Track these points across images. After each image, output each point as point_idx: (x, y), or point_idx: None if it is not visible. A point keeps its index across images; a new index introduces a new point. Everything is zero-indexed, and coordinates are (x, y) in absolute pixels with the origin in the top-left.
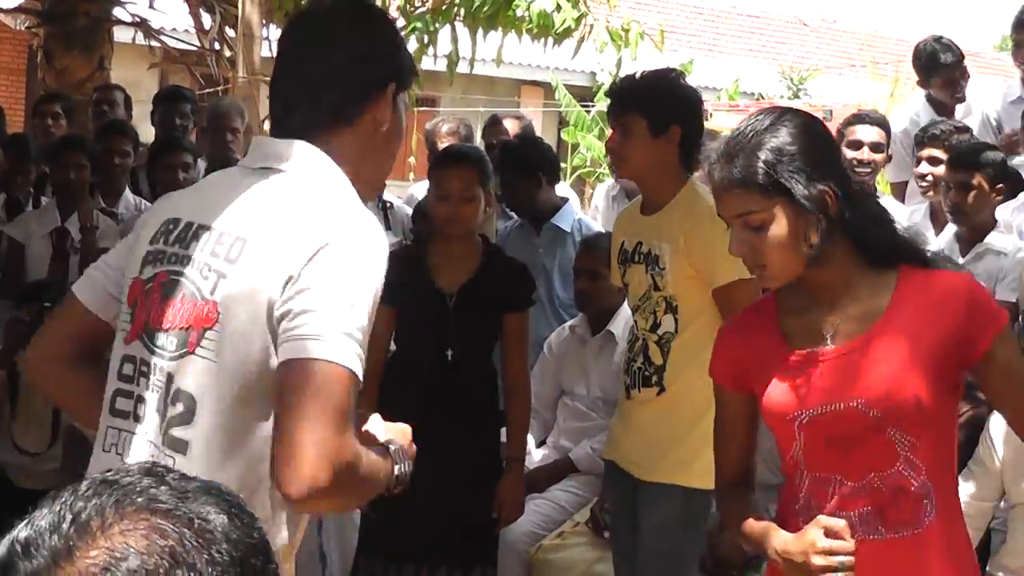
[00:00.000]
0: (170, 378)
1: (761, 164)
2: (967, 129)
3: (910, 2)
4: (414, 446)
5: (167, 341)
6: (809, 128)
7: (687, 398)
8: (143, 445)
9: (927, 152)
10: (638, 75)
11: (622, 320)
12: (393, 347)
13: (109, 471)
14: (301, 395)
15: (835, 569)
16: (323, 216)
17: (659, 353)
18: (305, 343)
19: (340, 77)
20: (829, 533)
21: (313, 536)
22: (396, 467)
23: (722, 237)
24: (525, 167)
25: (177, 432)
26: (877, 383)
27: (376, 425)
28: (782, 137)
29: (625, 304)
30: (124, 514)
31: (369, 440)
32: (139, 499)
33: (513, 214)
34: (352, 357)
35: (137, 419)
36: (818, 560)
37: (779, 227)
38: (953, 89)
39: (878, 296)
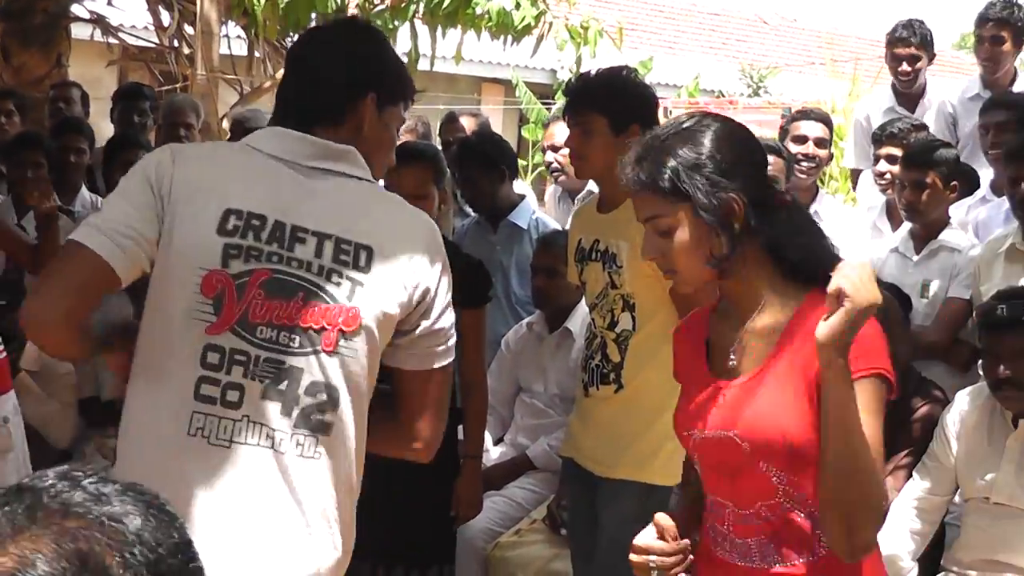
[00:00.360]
0: (296, 371)
1: (667, 169)
2: (924, 127)
3: (870, 1)
4: None
5: (283, 336)
6: (727, 135)
7: (645, 395)
8: (248, 427)
9: (885, 150)
10: (593, 74)
11: (579, 317)
12: None
13: (26, 478)
14: (430, 394)
15: (645, 567)
16: (431, 232)
17: (617, 351)
18: (435, 356)
19: (331, 80)
20: (658, 531)
21: None
22: None
23: None
24: (488, 162)
25: (319, 417)
26: (749, 418)
27: None
28: (693, 143)
29: (583, 301)
30: (35, 519)
31: None
32: (51, 504)
33: (470, 211)
34: (453, 349)
35: (230, 405)
36: (632, 556)
37: (683, 233)
38: (896, 64)
39: (778, 319)
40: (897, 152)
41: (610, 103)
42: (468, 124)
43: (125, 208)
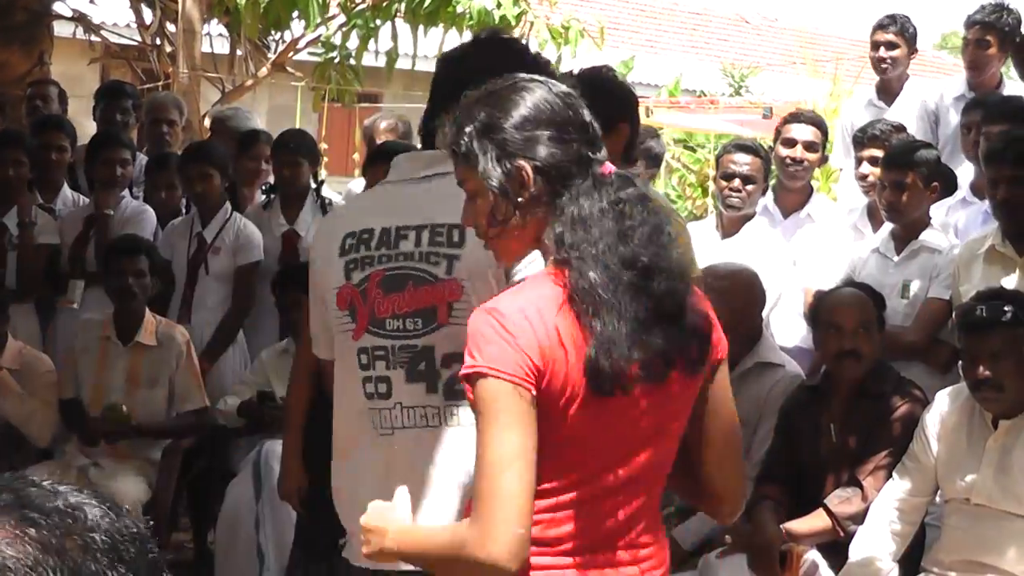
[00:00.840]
0: (428, 349)
1: (464, 136)
2: (904, 128)
3: (851, 1)
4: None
5: (408, 323)
6: (530, 101)
7: None
8: (402, 413)
9: (867, 152)
10: (575, 74)
11: None
12: None
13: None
14: None
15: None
16: None
17: None
18: None
19: None
20: None
21: (250, 533)
22: None
23: None
24: None
25: (460, 386)
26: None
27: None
28: (497, 107)
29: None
30: None
31: None
32: (6, 496)
33: None
34: None
35: (382, 396)
36: None
37: (482, 198)
38: (875, 51)
39: None
40: (879, 154)
41: (595, 103)
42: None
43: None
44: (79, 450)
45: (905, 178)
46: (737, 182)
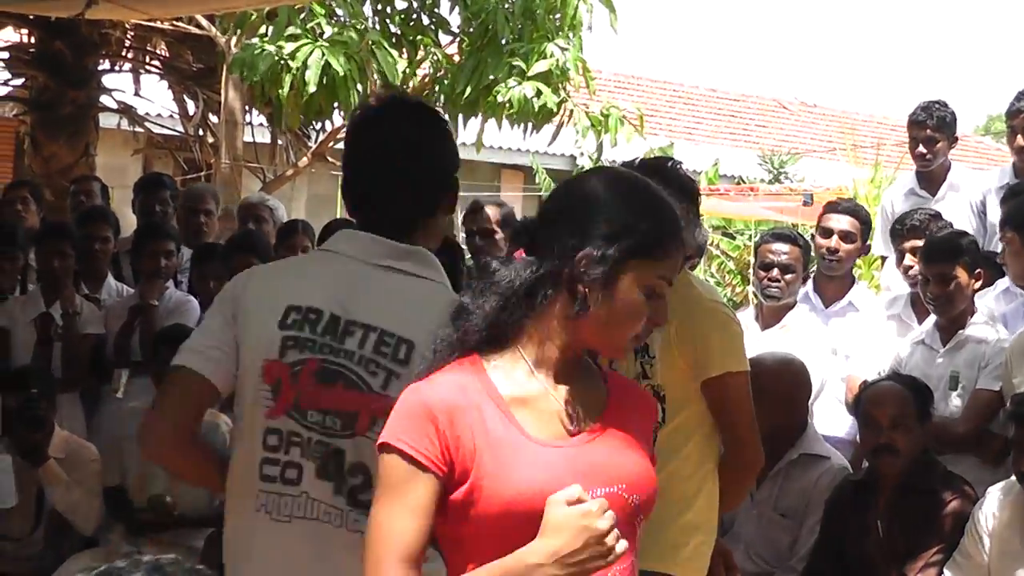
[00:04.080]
0: (340, 452)
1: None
2: (940, 217)
3: (891, 84)
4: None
5: (328, 420)
6: (599, 188)
7: (673, 487)
8: (307, 504)
9: (908, 244)
10: (636, 163)
11: None
12: None
13: (115, 564)
14: None
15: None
16: None
17: None
18: None
19: (432, 177)
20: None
21: None
22: None
23: (713, 327)
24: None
25: (365, 496)
26: (635, 474)
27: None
28: (562, 194)
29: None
30: None
31: None
32: None
33: None
34: None
35: (289, 482)
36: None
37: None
38: (914, 146)
39: (594, 380)
40: (920, 244)
41: None
42: (493, 213)
43: (209, 327)
44: (123, 538)
45: (948, 270)
46: (776, 272)
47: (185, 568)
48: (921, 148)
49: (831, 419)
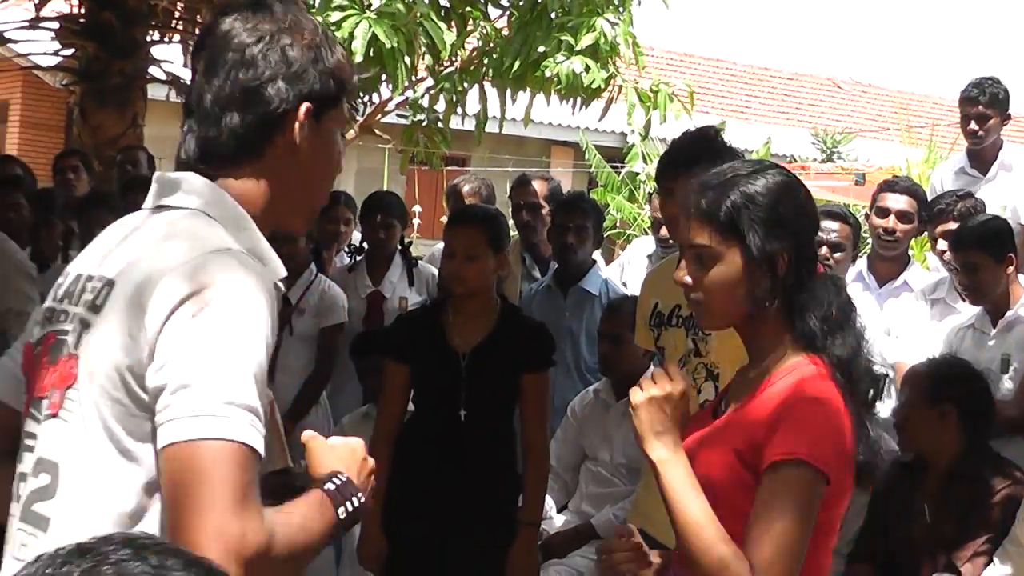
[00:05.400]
0: (29, 444)
1: (728, 203)
2: (969, 195)
3: (947, 64)
4: (369, 462)
5: (41, 405)
6: (786, 188)
7: None
8: (12, 528)
9: (940, 228)
10: (682, 139)
11: None
12: (412, 407)
13: (93, 537)
14: (188, 484)
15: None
16: (195, 257)
17: None
18: (183, 423)
19: (242, 99)
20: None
21: (331, 571)
22: (340, 509)
23: None
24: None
25: (36, 507)
26: (696, 455)
27: (318, 451)
28: (757, 186)
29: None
30: None
31: (311, 473)
32: (109, 571)
33: (539, 275)
34: (242, 428)
35: (18, 499)
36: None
37: (723, 269)
38: (965, 123)
39: (771, 372)
40: (953, 227)
41: (693, 164)
42: (540, 188)
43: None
44: None
45: (974, 259)
46: (825, 250)
47: (159, 543)
48: (973, 125)
49: (882, 402)
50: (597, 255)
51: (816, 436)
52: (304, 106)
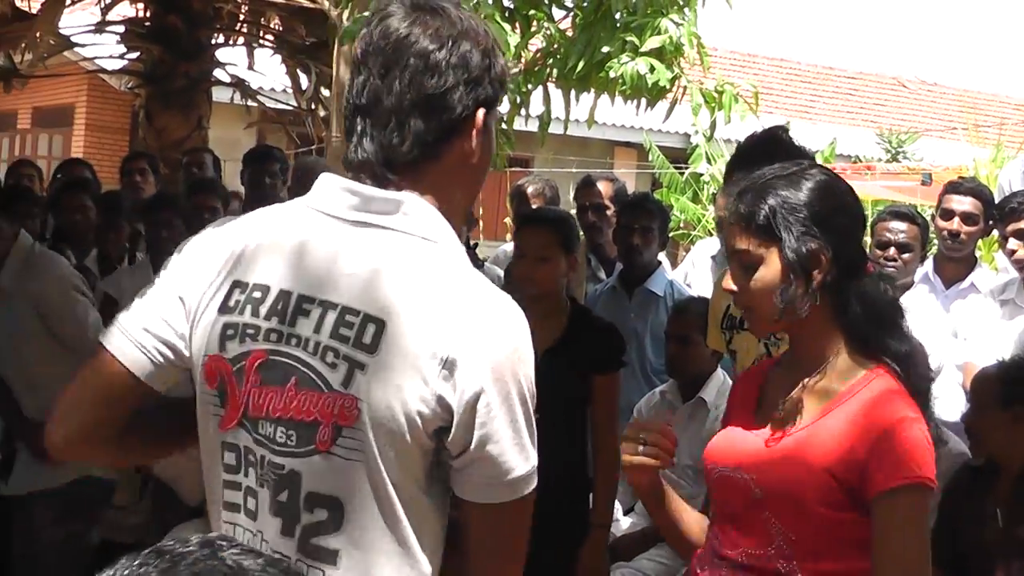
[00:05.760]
0: (294, 476)
1: (764, 206)
2: None
3: (1014, 62)
4: None
5: (278, 432)
6: (825, 187)
7: None
8: (260, 547)
9: (1011, 227)
10: (753, 138)
11: (714, 387)
12: None
13: (170, 539)
14: (503, 538)
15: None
16: (495, 307)
17: None
18: (498, 487)
19: (427, 106)
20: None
21: None
22: None
23: None
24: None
25: (319, 542)
26: (769, 466)
27: None
28: (795, 188)
29: (718, 370)
30: None
31: None
32: (185, 572)
33: (603, 276)
34: (532, 475)
35: (250, 514)
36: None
37: (766, 272)
38: None
39: (836, 383)
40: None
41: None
42: (605, 189)
43: (151, 298)
44: None
45: None
46: (893, 251)
47: (235, 546)
48: None
49: (949, 404)
50: (662, 256)
51: (921, 454)
52: (480, 112)
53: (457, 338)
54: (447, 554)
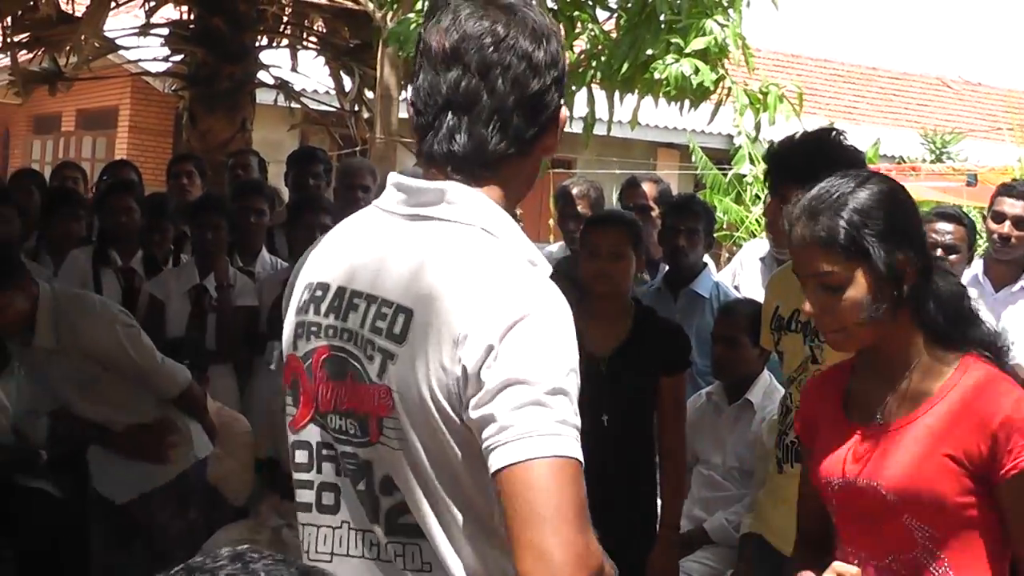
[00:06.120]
0: (368, 465)
1: (844, 224)
2: None
3: None
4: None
5: (348, 425)
6: (893, 195)
7: None
8: (348, 537)
9: None
10: (796, 139)
11: (760, 389)
12: None
13: (200, 554)
14: (534, 500)
15: None
16: (509, 280)
17: None
18: (522, 444)
19: (529, 105)
20: None
21: None
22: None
23: None
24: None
25: (405, 520)
26: (895, 469)
27: None
28: (866, 200)
29: (764, 372)
30: None
31: None
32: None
33: (647, 278)
34: (574, 445)
35: (327, 509)
36: None
37: (855, 291)
38: None
39: (930, 380)
40: None
41: (810, 173)
42: (650, 190)
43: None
44: (273, 510)
45: None
46: (939, 252)
47: (266, 557)
48: None
49: None
50: (707, 258)
51: None
52: (564, 108)
53: (470, 314)
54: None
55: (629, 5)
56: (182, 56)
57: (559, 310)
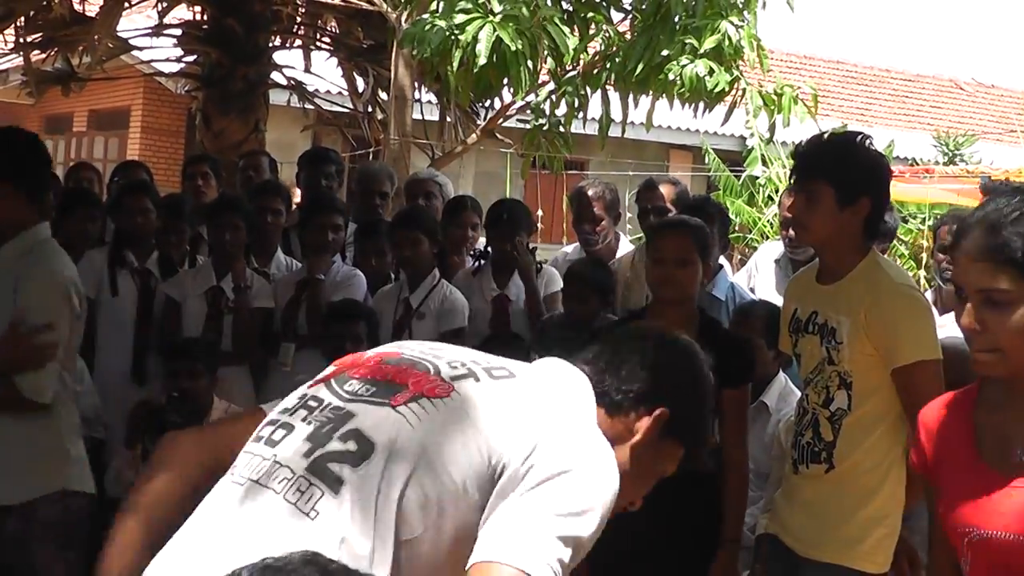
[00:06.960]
0: (348, 415)
1: (1021, 240)
2: None
3: None
4: None
5: (359, 386)
6: None
7: (856, 477)
8: (268, 468)
9: None
10: (825, 137)
11: (776, 391)
12: None
13: (271, 558)
14: None
15: None
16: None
17: (830, 429)
18: (511, 550)
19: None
20: None
21: None
22: None
23: (905, 314)
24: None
25: (335, 468)
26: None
27: None
28: None
29: (780, 374)
30: None
31: None
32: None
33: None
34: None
35: (271, 443)
36: None
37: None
38: None
39: None
40: None
41: (840, 173)
42: (667, 192)
43: None
44: None
45: None
46: None
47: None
48: None
49: None
50: (723, 260)
51: None
52: None
53: (514, 448)
54: None
55: (644, 6)
56: (195, 57)
57: (598, 461)
